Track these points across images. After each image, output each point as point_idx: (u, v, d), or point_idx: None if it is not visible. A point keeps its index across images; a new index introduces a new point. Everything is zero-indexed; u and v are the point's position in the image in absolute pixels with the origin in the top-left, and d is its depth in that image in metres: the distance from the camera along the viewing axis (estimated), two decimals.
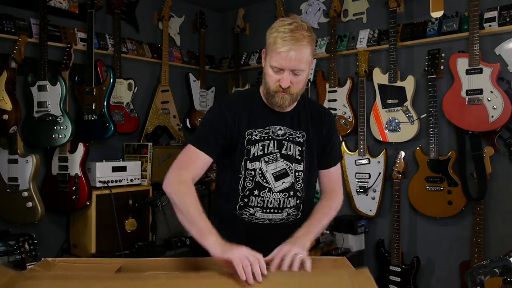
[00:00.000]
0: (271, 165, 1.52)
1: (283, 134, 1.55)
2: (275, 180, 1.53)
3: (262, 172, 1.52)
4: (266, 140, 1.53)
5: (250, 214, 1.54)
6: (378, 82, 2.95)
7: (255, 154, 1.52)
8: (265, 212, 1.54)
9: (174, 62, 3.59)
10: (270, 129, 1.54)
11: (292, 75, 1.43)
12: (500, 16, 2.53)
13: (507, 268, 1.26)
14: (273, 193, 1.53)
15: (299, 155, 1.55)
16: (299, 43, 1.39)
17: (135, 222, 2.88)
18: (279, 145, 1.54)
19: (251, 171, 1.52)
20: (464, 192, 2.61)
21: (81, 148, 2.73)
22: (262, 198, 1.53)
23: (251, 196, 1.53)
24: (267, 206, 1.53)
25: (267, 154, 1.52)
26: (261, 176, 1.52)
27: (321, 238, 2.93)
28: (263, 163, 1.52)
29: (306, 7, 3.48)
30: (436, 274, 2.86)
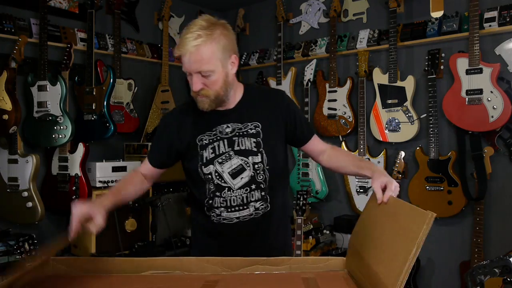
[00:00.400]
0: (225, 165, 1.51)
1: (232, 131, 1.52)
2: (232, 178, 1.50)
3: (218, 173, 1.50)
4: (215, 142, 1.51)
5: (217, 215, 1.54)
6: (378, 82, 2.95)
7: (208, 158, 1.51)
8: (230, 211, 1.52)
9: (174, 62, 3.58)
10: (217, 130, 1.52)
11: (203, 77, 1.39)
12: (500, 16, 2.53)
13: (507, 268, 1.26)
14: (234, 191, 1.51)
15: (255, 147, 1.51)
16: (193, 44, 1.33)
17: (135, 222, 2.88)
18: (230, 142, 1.51)
19: (208, 175, 1.51)
20: (464, 192, 2.60)
21: (81, 148, 2.73)
22: (224, 198, 1.51)
23: (215, 197, 1.52)
24: (230, 205, 1.52)
25: (219, 155, 1.51)
26: (218, 178, 1.51)
27: (321, 238, 2.93)
28: (217, 165, 1.50)
29: (306, 7, 3.48)
30: (436, 274, 2.86)
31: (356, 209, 3.10)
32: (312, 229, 2.99)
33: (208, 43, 1.35)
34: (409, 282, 2.79)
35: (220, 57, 1.39)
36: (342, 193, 3.25)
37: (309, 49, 3.38)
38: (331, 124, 3.21)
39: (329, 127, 3.21)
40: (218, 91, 1.43)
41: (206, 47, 1.35)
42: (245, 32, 3.86)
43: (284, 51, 3.50)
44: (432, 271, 2.87)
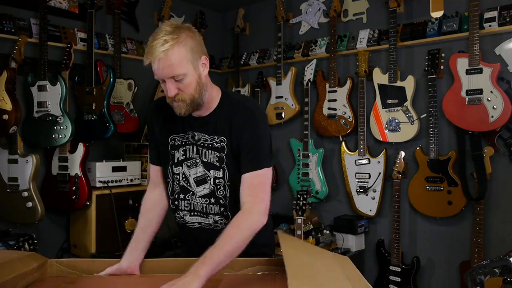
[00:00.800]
0: (192, 170, 1.50)
1: (198, 140, 1.49)
2: (196, 185, 1.50)
3: (185, 176, 1.51)
4: (187, 145, 1.51)
5: (181, 217, 1.56)
6: (378, 82, 2.95)
7: (179, 159, 1.51)
8: (193, 215, 1.53)
9: None
10: (189, 134, 1.50)
11: (176, 82, 1.36)
12: (500, 16, 2.53)
13: (507, 268, 1.26)
14: (196, 197, 1.51)
15: (218, 162, 1.47)
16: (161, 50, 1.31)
17: (135, 222, 2.87)
18: (198, 151, 1.49)
19: (177, 175, 1.52)
20: (464, 192, 2.60)
21: (81, 148, 2.73)
22: (189, 201, 1.52)
23: (179, 199, 1.54)
24: (194, 209, 1.52)
25: (188, 158, 1.50)
26: (185, 180, 1.51)
27: (321, 238, 2.93)
28: (185, 167, 1.50)
29: (306, 7, 3.48)
30: (436, 274, 2.86)
31: (356, 209, 3.10)
32: (312, 229, 2.99)
33: (176, 47, 1.32)
34: (409, 282, 2.79)
35: (190, 59, 1.36)
36: (342, 193, 3.25)
37: (309, 49, 3.38)
38: (331, 124, 3.21)
39: (329, 127, 3.21)
40: (193, 94, 1.39)
41: (175, 51, 1.32)
42: (245, 32, 3.86)
43: (284, 51, 3.50)
44: (432, 271, 2.87)
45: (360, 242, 3.08)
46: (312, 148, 3.28)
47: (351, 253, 2.98)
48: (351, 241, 3.01)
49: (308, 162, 3.28)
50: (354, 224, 2.99)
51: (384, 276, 2.90)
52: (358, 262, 3.06)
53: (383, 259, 2.96)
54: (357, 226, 2.99)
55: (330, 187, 3.27)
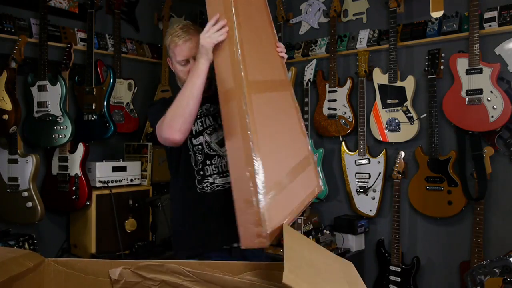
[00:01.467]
0: (213, 136, 1.70)
1: (214, 109, 1.72)
2: (220, 147, 1.69)
3: (208, 143, 1.69)
4: (202, 117, 1.71)
5: (211, 184, 1.68)
6: (378, 82, 2.95)
7: (197, 131, 1.69)
8: (223, 177, 1.68)
9: None
10: (203, 108, 1.71)
11: None
12: (500, 16, 2.53)
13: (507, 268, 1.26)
14: (223, 158, 1.68)
15: None
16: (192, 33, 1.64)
17: (135, 222, 2.88)
18: (214, 118, 1.72)
19: (198, 145, 1.69)
20: (464, 192, 2.61)
21: (81, 148, 2.73)
22: (216, 165, 1.68)
23: (205, 166, 1.68)
24: (222, 171, 1.68)
25: (207, 127, 1.71)
26: (208, 147, 1.69)
27: (321, 238, 2.93)
28: (206, 135, 1.70)
29: (306, 7, 3.48)
30: (436, 274, 2.86)
31: (356, 209, 3.10)
32: (312, 229, 2.99)
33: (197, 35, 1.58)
34: (409, 282, 2.79)
35: None
36: (342, 193, 3.25)
37: (309, 49, 3.38)
38: (331, 124, 3.21)
39: (329, 127, 3.21)
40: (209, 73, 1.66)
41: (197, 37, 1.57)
42: None
43: None
44: (432, 271, 2.87)
45: (360, 242, 3.08)
46: (312, 148, 3.28)
47: (351, 253, 2.98)
48: (351, 241, 3.01)
49: None
50: (354, 224, 2.99)
51: (384, 276, 2.90)
52: (358, 262, 3.06)
53: (383, 259, 2.96)
54: (357, 226, 2.99)
55: (330, 187, 3.27)
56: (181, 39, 1.64)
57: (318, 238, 2.91)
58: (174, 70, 1.74)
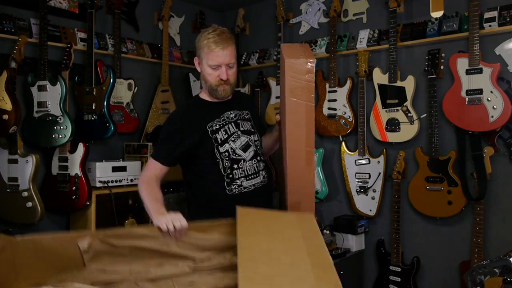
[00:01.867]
0: (237, 142, 1.85)
1: (235, 116, 1.90)
2: (244, 152, 1.85)
3: (233, 149, 1.83)
4: (225, 125, 1.86)
5: (239, 186, 1.83)
6: (378, 82, 2.95)
7: (222, 139, 1.83)
8: (249, 179, 1.85)
9: (174, 62, 3.59)
10: (224, 116, 1.88)
11: (227, 68, 1.80)
12: (500, 16, 2.53)
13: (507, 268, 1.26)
14: (247, 162, 1.85)
15: (252, 128, 1.93)
16: (228, 42, 1.79)
17: (135, 222, 2.88)
18: (236, 124, 1.88)
19: (224, 152, 1.82)
20: (464, 192, 2.61)
21: (81, 148, 2.73)
22: (242, 168, 1.84)
23: (233, 171, 1.83)
24: (248, 174, 1.85)
25: (231, 134, 1.85)
26: (233, 153, 1.83)
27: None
28: (231, 143, 1.84)
29: (306, 7, 3.48)
30: (436, 274, 2.86)
31: (356, 209, 3.10)
32: None
33: (233, 41, 1.84)
34: (409, 282, 2.79)
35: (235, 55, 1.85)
36: (342, 193, 3.25)
37: None
38: (331, 124, 3.21)
39: (329, 127, 3.22)
40: (234, 80, 1.87)
41: (233, 46, 1.83)
42: (245, 32, 3.86)
43: None
44: (432, 271, 2.87)
45: (360, 242, 3.08)
46: None
47: (351, 253, 2.98)
48: (351, 241, 3.01)
49: None
50: (354, 224, 2.99)
51: (384, 276, 2.90)
52: (358, 262, 3.06)
53: (383, 259, 2.96)
54: (357, 226, 2.99)
55: (330, 187, 3.27)
56: (219, 46, 1.76)
57: None
58: (202, 70, 1.86)
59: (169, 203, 3.07)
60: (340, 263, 2.84)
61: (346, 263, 2.90)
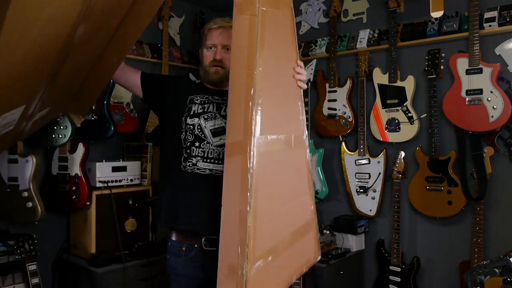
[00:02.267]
0: (209, 122, 1.73)
1: (222, 99, 1.77)
2: (213, 136, 1.72)
3: (200, 127, 1.72)
4: (206, 104, 1.76)
5: (193, 164, 1.70)
6: (378, 82, 2.95)
7: (195, 112, 1.74)
8: (206, 162, 1.70)
9: (174, 62, 3.58)
10: (209, 96, 1.78)
11: (223, 51, 1.73)
12: (500, 16, 2.53)
13: (507, 268, 1.26)
14: (211, 145, 1.71)
15: None
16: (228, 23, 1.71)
17: (135, 222, 2.88)
18: (218, 107, 1.76)
19: (191, 125, 1.72)
20: (464, 192, 2.61)
21: (81, 148, 2.73)
22: (203, 149, 1.71)
23: (192, 147, 1.71)
24: (207, 156, 1.70)
25: (206, 112, 1.74)
26: (200, 131, 1.72)
27: (321, 238, 2.93)
28: (202, 119, 1.73)
29: (306, 7, 3.48)
30: (436, 274, 2.86)
31: (356, 209, 3.10)
32: None
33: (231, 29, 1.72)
34: (409, 282, 2.79)
35: None
36: (342, 193, 3.25)
37: (309, 49, 3.38)
38: (331, 124, 3.21)
39: (329, 127, 3.21)
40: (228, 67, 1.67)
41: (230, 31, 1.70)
42: None
43: None
44: (432, 271, 2.87)
45: (360, 242, 3.08)
46: (312, 148, 3.28)
47: (351, 253, 2.98)
48: (351, 241, 3.01)
49: None
50: (354, 224, 2.99)
51: (384, 276, 2.90)
52: (358, 262, 3.06)
53: (383, 259, 2.96)
54: (357, 226, 2.99)
55: (330, 187, 3.27)
56: (217, 24, 1.73)
57: None
58: (201, 57, 1.82)
59: None
60: (340, 263, 2.84)
61: (346, 263, 2.90)
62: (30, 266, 2.38)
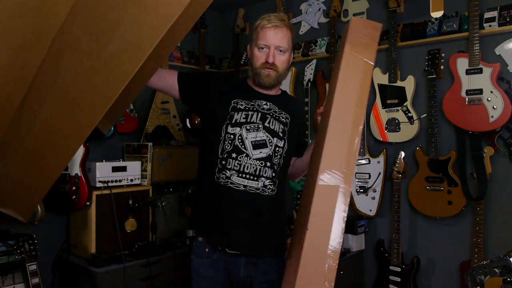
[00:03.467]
0: (251, 133, 1.61)
1: (268, 109, 1.67)
2: (253, 148, 1.60)
3: (241, 138, 1.60)
4: (250, 111, 1.64)
5: (226, 177, 1.60)
6: (378, 82, 2.95)
7: (237, 121, 1.62)
8: (241, 177, 1.59)
9: (174, 62, 3.58)
10: (256, 102, 1.67)
11: (277, 53, 1.61)
12: (500, 16, 2.53)
13: (507, 268, 1.26)
14: (250, 159, 1.60)
15: (281, 133, 1.67)
16: (283, 22, 1.62)
17: (135, 222, 2.88)
18: (263, 117, 1.64)
19: (231, 135, 1.61)
20: (464, 192, 2.61)
21: (81, 148, 2.72)
22: (239, 162, 1.59)
23: (229, 158, 1.60)
24: (243, 171, 1.59)
25: (249, 122, 1.62)
26: (240, 142, 1.60)
27: None
28: (244, 129, 1.61)
29: (306, 7, 3.48)
30: (436, 274, 2.86)
31: (356, 209, 3.10)
32: None
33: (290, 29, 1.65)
34: (409, 282, 2.79)
35: (291, 44, 1.67)
36: None
37: (309, 49, 3.38)
38: None
39: None
40: (283, 70, 1.66)
41: (289, 31, 1.64)
42: (245, 32, 3.86)
43: None
44: (432, 271, 2.87)
45: (360, 242, 3.08)
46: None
47: (351, 253, 2.98)
48: (351, 241, 3.01)
49: None
50: (354, 224, 2.99)
51: (384, 276, 2.90)
52: (358, 262, 3.06)
53: (383, 259, 2.96)
54: (357, 226, 2.99)
55: None
56: (271, 23, 1.61)
57: None
58: (250, 56, 1.69)
59: (169, 203, 3.08)
60: (340, 263, 2.83)
61: (346, 263, 2.91)
62: (30, 266, 2.38)
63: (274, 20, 1.61)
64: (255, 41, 1.64)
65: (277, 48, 1.62)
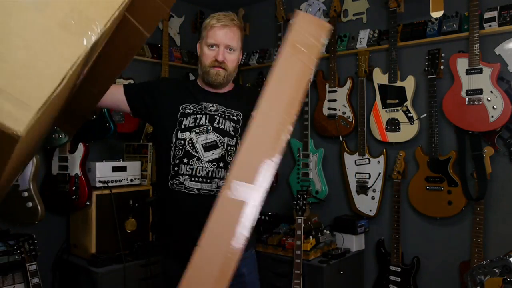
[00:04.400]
0: (201, 136, 1.64)
1: (215, 110, 1.68)
2: (204, 151, 1.63)
3: (192, 142, 1.63)
4: (198, 114, 1.66)
5: (180, 183, 1.63)
6: (378, 82, 2.95)
7: (186, 126, 1.64)
8: (194, 181, 1.62)
9: (174, 62, 3.59)
10: (203, 105, 1.68)
11: (226, 52, 1.64)
12: (500, 16, 2.53)
13: (507, 268, 1.26)
14: (202, 162, 1.62)
15: (233, 131, 1.67)
16: (232, 22, 1.66)
17: (135, 222, 2.88)
18: (211, 119, 1.66)
19: (181, 140, 1.63)
20: (464, 192, 2.61)
21: (81, 148, 2.73)
22: (191, 166, 1.62)
23: (181, 164, 1.62)
24: (195, 175, 1.62)
25: (198, 126, 1.65)
26: (191, 146, 1.63)
27: (321, 238, 2.93)
28: (193, 133, 1.64)
29: (306, 7, 3.48)
30: (436, 274, 2.85)
31: (356, 209, 3.10)
32: (312, 229, 2.99)
33: (239, 28, 1.69)
34: (409, 282, 2.79)
35: (240, 44, 1.70)
36: (342, 193, 3.24)
37: None
38: (331, 124, 3.21)
39: (329, 127, 3.21)
40: (232, 68, 1.68)
41: (238, 30, 1.68)
42: (245, 32, 3.86)
43: None
44: (432, 271, 2.87)
45: (360, 242, 3.08)
46: (312, 148, 3.28)
47: (351, 253, 2.98)
48: (351, 241, 3.01)
49: (308, 162, 3.29)
50: (354, 224, 2.99)
51: (384, 276, 2.90)
52: (358, 262, 3.06)
53: (383, 259, 2.96)
54: (357, 226, 2.99)
55: (330, 187, 3.27)
56: (220, 22, 1.64)
57: (318, 238, 2.91)
58: (199, 53, 1.70)
59: None
60: (340, 263, 2.84)
61: (346, 263, 2.90)
62: (30, 266, 2.38)
63: (223, 19, 1.65)
64: (205, 40, 1.66)
65: (226, 47, 1.64)
